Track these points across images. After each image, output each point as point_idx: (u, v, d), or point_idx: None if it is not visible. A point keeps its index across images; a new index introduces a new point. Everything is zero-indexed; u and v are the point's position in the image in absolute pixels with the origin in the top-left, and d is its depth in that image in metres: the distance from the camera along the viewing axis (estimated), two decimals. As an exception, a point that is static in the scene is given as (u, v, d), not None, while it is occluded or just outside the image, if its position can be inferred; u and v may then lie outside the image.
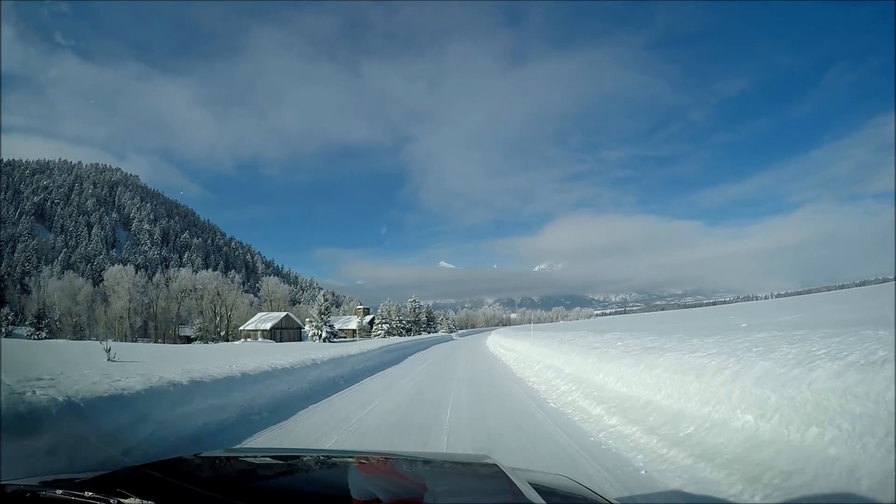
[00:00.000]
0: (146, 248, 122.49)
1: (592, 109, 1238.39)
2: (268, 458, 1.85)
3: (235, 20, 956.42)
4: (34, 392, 3.12)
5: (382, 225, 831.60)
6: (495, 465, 1.51)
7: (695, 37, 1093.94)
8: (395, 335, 45.44)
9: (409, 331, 49.68)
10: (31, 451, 2.71)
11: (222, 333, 45.88)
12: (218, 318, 46.97)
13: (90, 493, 1.01)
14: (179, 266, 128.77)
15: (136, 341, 40.42)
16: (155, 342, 41.00)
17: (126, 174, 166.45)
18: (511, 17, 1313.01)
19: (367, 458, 1.82)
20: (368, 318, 52.80)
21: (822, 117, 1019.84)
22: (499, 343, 21.88)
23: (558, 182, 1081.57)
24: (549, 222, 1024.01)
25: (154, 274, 67.52)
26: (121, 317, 45.57)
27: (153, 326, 47.17)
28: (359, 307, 61.61)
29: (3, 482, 1.10)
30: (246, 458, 1.81)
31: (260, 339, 39.86)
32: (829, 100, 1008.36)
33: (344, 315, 57.24)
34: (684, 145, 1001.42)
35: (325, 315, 36.71)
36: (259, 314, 46.76)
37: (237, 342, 34.41)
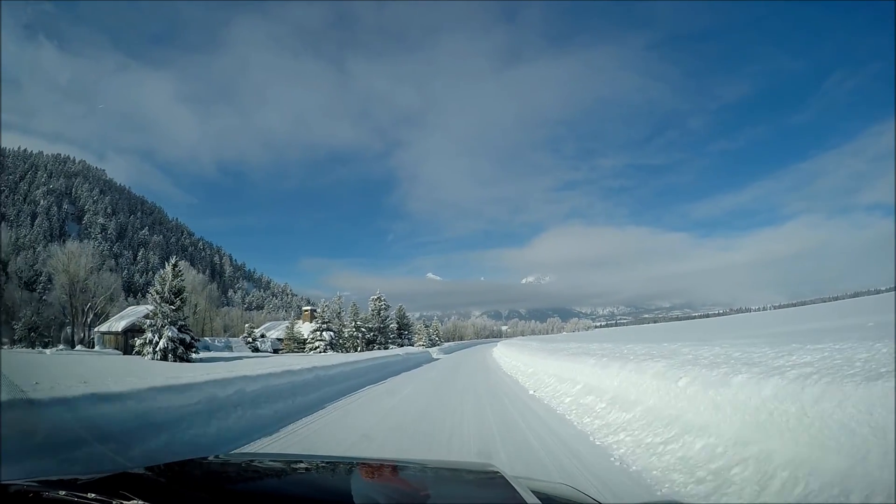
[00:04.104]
0: (97, 243, 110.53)
1: (588, 114, 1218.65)
2: (272, 464, 1.83)
3: (217, 8, 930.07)
4: None
5: (370, 235, 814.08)
6: (499, 472, 1.48)
7: (697, 37, 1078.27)
8: (345, 349, 32.72)
9: (371, 343, 36.35)
10: None
11: (82, 335, 33.44)
12: (85, 313, 34.51)
13: (93, 495, 1.01)
14: (133, 264, 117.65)
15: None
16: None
17: (88, 165, 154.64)
18: (506, 11, 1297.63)
19: (370, 465, 1.82)
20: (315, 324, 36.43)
21: (820, 125, 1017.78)
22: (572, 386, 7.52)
23: (550, 192, 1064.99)
24: (538, 234, 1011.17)
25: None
26: None
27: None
28: (306, 309, 45.80)
29: (5, 482, 1.08)
30: (251, 463, 1.80)
31: (97, 347, 28.30)
32: (828, 107, 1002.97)
33: (299, 321, 45.98)
34: (680, 154, 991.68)
35: (171, 303, 19.31)
36: (128, 308, 33.98)
37: (47, 350, 22.93)
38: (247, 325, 41.59)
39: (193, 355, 20.10)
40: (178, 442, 4.68)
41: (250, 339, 36.36)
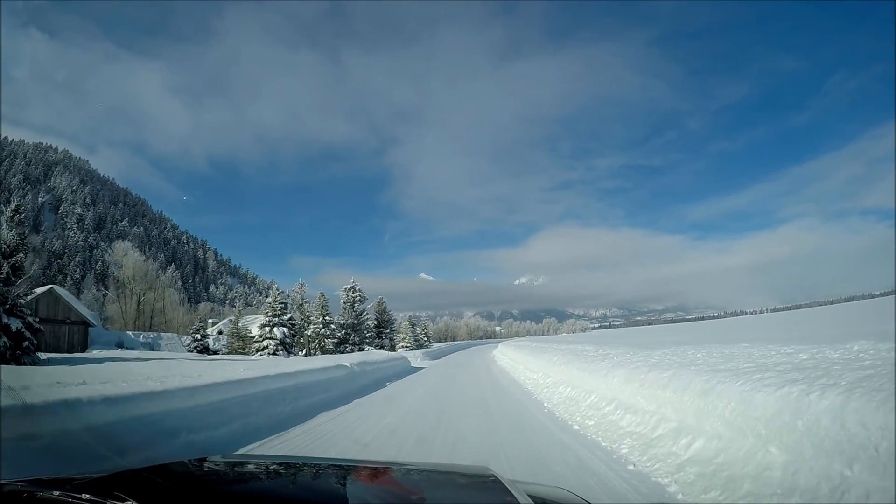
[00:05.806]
0: (71, 234, 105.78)
1: (586, 113, 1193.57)
2: (269, 466, 1.83)
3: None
4: None
5: (362, 234, 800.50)
6: (495, 476, 1.47)
7: (698, 35, 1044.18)
8: (308, 350, 27.48)
9: (342, 343, 30.89)
10: None
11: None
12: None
13: (87, 496, 1.00)
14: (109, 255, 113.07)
15: None
16: None
17: (70, 155, 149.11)
18: (505, 6, 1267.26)
19: (366, 467, 1.82)
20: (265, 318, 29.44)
21: (819, 127, 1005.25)
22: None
23: (545, 192, 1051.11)
24: (533, 234, 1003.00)
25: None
26: None
27: None
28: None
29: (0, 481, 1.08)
30: (247, 465, 1.80)
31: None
32: (829, 108, 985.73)
33: (258, 316, 40.68)
34: (678, 154, 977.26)
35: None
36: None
37: None
38: (209, 319, 37.41)
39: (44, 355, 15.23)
40: None
41: (198, 337, 31.78)
